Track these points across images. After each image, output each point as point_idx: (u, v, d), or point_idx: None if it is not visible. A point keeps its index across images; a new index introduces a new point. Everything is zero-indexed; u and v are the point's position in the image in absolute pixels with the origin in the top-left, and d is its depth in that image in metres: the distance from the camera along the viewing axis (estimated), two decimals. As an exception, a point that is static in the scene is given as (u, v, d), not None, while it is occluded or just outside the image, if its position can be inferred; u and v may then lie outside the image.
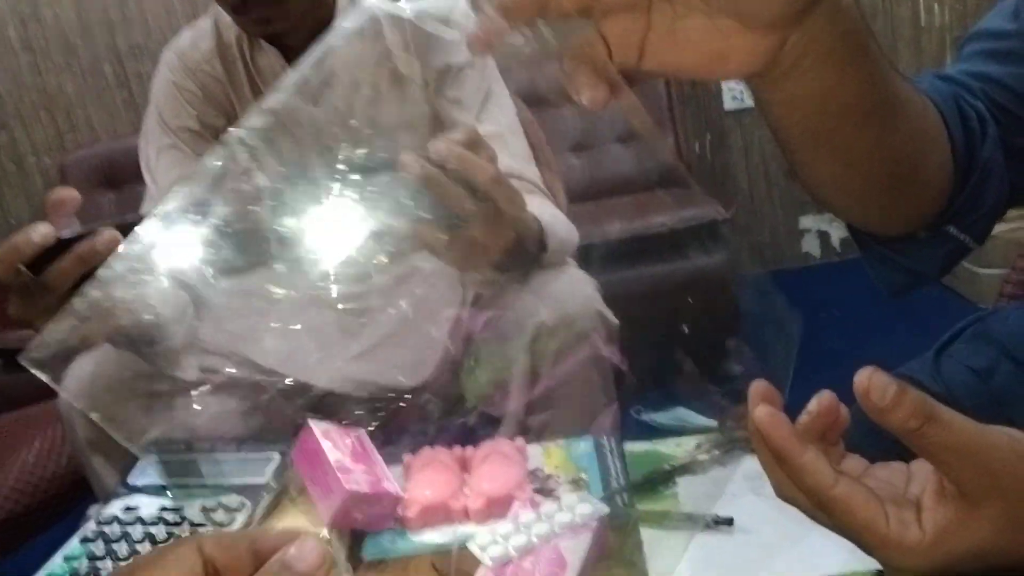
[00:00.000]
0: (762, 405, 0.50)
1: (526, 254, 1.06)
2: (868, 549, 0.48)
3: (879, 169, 0.60)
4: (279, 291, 1.44)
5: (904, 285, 0.71)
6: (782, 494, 0.52)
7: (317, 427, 0.87)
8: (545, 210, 1.23)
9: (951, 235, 0.68)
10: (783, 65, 0.50)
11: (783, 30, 0.48)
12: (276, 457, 0.89)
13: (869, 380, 0.45)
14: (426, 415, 1.46)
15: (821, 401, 0.50)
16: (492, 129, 1.24)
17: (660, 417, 2.36)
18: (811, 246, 2.96)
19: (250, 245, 0.78)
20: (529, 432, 1.20)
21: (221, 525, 0.83)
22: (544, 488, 0.86)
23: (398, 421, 1.50)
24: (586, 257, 2.03)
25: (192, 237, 0.76)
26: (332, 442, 0.85)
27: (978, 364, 0.81)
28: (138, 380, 1.26)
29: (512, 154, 1.24)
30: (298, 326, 1.40)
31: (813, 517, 0.51)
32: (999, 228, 0.72)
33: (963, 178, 0.66)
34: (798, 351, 0.73)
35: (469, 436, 0.98)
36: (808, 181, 0.63)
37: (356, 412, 1.43)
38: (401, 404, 1.41)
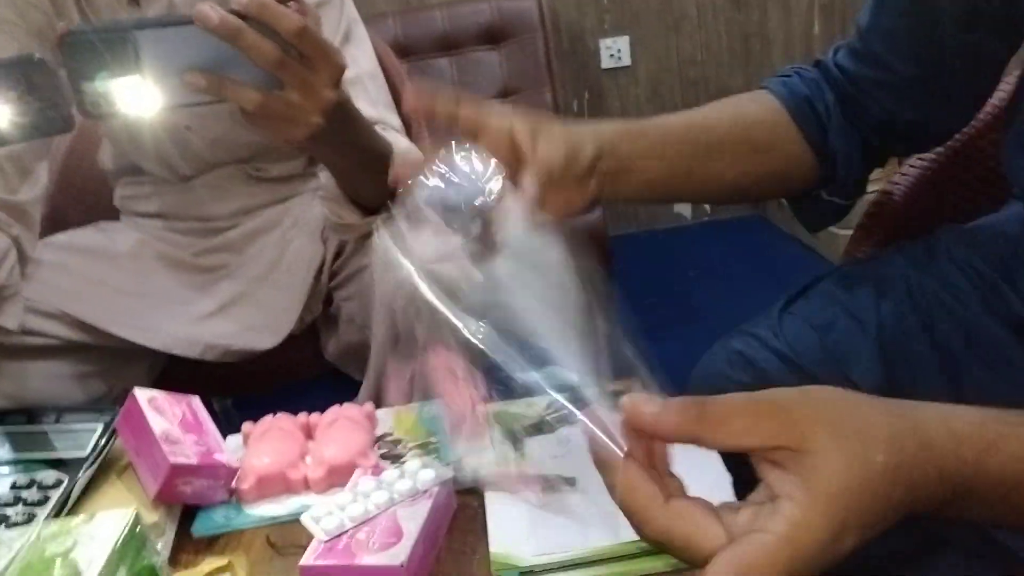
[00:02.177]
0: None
1: (353, 131, 1.00)
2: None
3: (738, 190, 0.80)
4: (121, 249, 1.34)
5: (818, 225, 0.86)
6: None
7: (142, 395, 0.80)
8: (407, 148, 1.19)
9: (824, 199, 0.83)
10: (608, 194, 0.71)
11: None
12: (99, 428, 0.82)
13: (632, 408, 0.43)
14: (280, 379, 1.40)
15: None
16: (350, 74, 1.18)
17: (535, 375, 2.38)
18: (683, 207, 3.02)
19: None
20: (389, 394, 1.16)
21: (32, 505, 0.75)
22: (391, 454, 0.83)
23: (248, 386, 1.43)
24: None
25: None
26: (159, 411, 0.79)
27: (817, 320, 0.82)
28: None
29: (372, 100, 1.18)
30: (135, 284, 1.30)
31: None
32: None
33: (822, 159, 0.80)
34: (674, 306, 0.77)
35: (327, 401, 0.93)
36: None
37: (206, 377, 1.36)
38: (253, 368, 1.34)
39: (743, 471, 0.45)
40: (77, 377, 1.26)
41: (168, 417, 0.79)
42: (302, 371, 1.39)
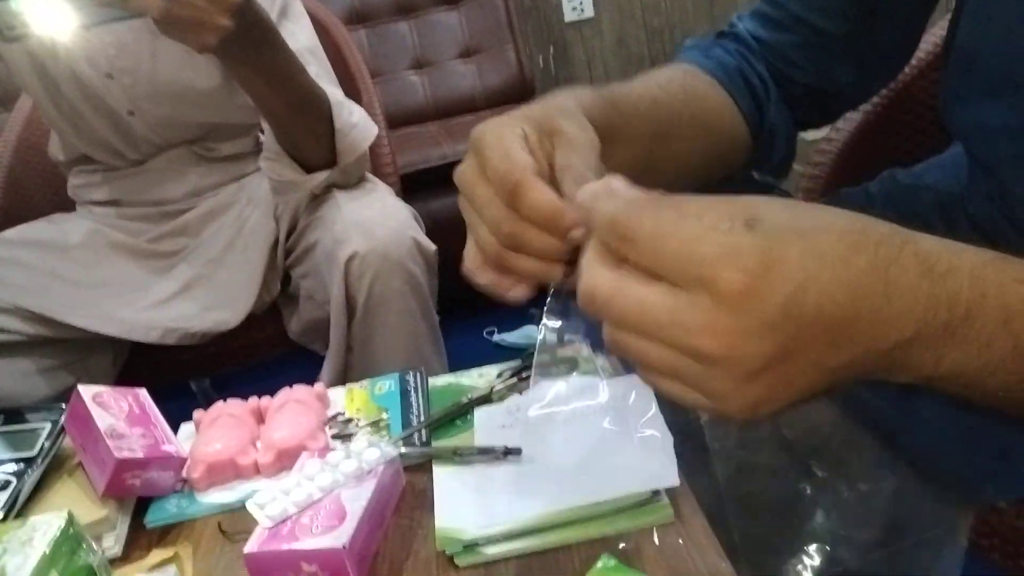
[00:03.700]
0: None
1: (265, 38, 1.02)
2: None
3: (688, 173, 0.72)
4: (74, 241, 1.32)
5: None
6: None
7: (86, 391, 0.80)
8: (342, 101, 1.19)
9: (754, 178, 0.79)
10: None
11: None
12: (47, 427, 0.82)
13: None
14: (246, 360, 1.40)
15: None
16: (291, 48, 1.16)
17: (511, 337, 2.38)
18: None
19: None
20: (351, 369, 1.17)
21: (-18, 508, 0.75)
22: (343, 433, 0.83)
23: (216, 368, 1.43)
24: (420, 181, 1.98)
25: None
26: (103, 407, 0.79)
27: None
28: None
29: (315, 75, 1.16)
30: (89, 274, 1.29)
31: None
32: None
33: (757, 135, 0.75)
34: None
35: (304, 376, 0.93)
36: None
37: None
38: (218, 350, 1.34)
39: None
40: (42, 372, 1.26)
41: (114, 412, 0.79)
42: (267, 351, 1.39)
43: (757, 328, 0.39)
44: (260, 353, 1.38)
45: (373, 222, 1.13)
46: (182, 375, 1.49)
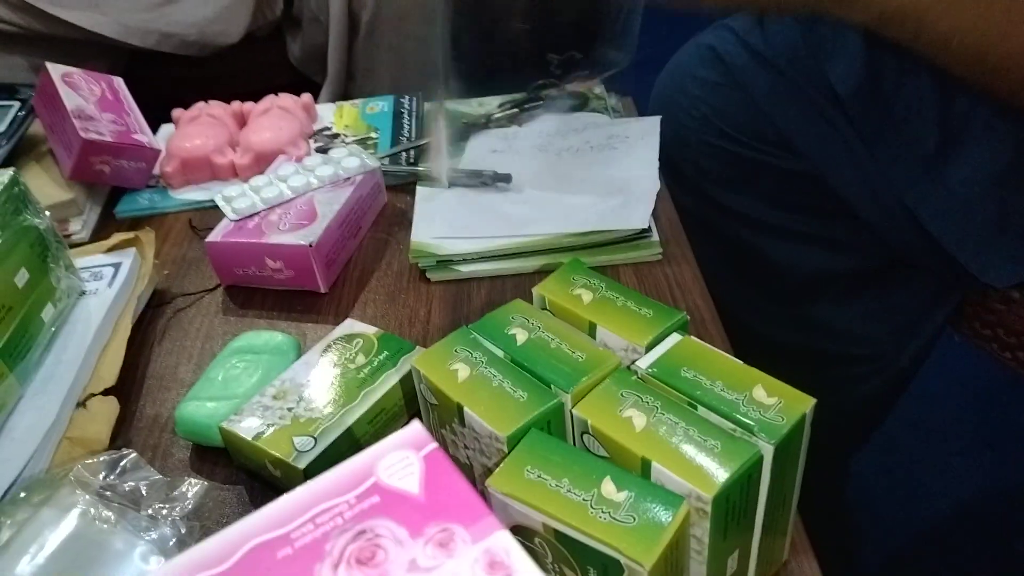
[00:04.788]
0: None
1: None
2: None
3: None
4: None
5: None
6: None
7: (56, 71, 0.74)
8: None
9: None
10: None
11: None
12: (15, 105, 0.77)
13: None
14: (247, 85, 1.33)
15: None
16: None
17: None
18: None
19: None
20: (350, 98, 1.10)
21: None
22: (327, 147, 0.78)
23: (217, 93, 1.36)
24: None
25: None
26: (74, 87, 0.74)
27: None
28: None
29: None
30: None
31: None
32: None
33: None
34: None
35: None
36: None
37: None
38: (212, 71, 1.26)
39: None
40: (35, 69, 1.20)
41: (83, 94, 0.74)
42: (268, 77, 1.32)
43: None
44: (261, 78, 1.31)
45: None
46: (179, 99, 1.43)
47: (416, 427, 0.28)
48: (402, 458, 0.27)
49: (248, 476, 0.49)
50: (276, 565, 0.24)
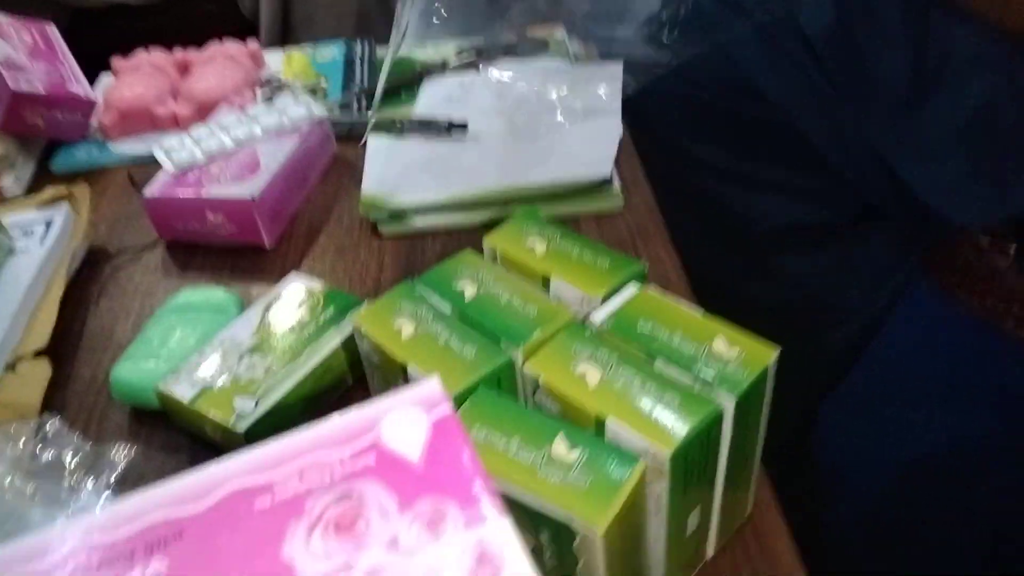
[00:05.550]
0: None
1: None
2: None
3: None
4: None
5: None
6: None
7: (-20, 14, 0.69)
8: None
9: None
10: None
11: None
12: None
13: None
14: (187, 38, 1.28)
15: None
16: None
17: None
18: None
19: None
20: (291, 33, 1.05)
21: None
22: (275, 97, 0.74)
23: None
24: None
25: None
26: (2, 35, 0.69)
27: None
28: None
29: None
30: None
31: None
32: None
33: None
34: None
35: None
36: None
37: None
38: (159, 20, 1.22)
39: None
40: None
41: (13, 43, 0.69)
42: (219, 29, 1.26)
43: None
44: (211, 31, 1.26)
45: None
46: (126, 49, 1.37)
47: (433, 384, 0.25)
48: (411, 417, 0.24)
49: (190, 440, 0.46)
50: (251, 516, 0.22)
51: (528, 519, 0.31)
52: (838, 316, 0.78)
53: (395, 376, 0.37)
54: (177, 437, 0.46)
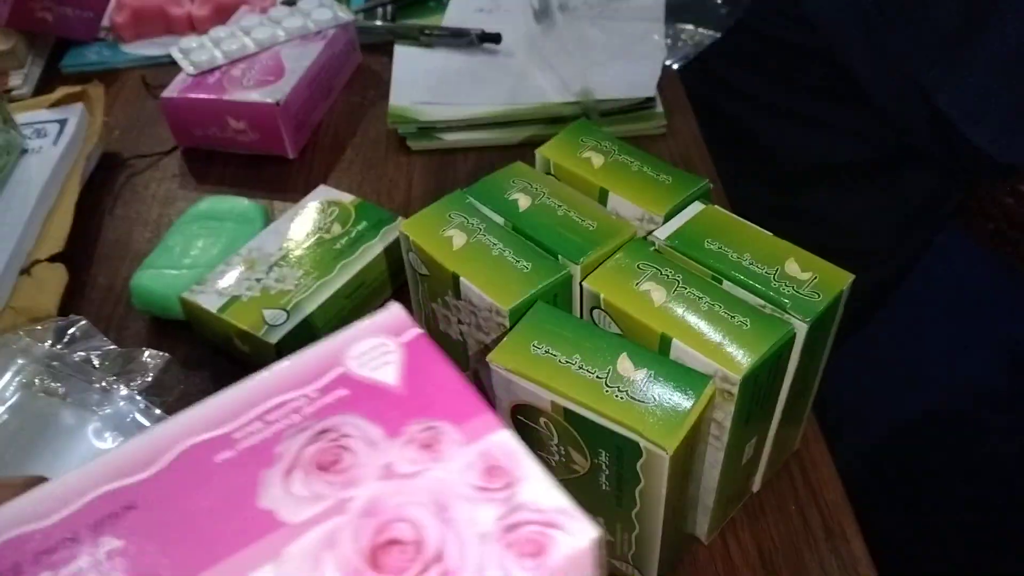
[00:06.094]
0: None
1: None
2: None
3: None
4: None
5: None
6: None
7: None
8: None
9: None
10: None
11: None
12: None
13: None
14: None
15: None
16: None
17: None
18: None
19: None
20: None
21: None
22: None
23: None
24: None
25: None
26: (6, -80, 0.65)
27: None
28: None
29: None
30: None
31: None
32: None
33: None
34: None
35: None
36: None
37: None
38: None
39: None
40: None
41: (18, -71, 0.65)
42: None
43: None
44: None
45: None
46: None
47: (395, 310, 0.23)
48: (377, 345, 0.22)
49: (212, 353, 0.45)
50: (213, 472, 0.19)
51: (590, 437, 0.29)
52: (866, 260, 0.76)
53: (444, 287, 0.35)
54: (200, 351, 0.45)
